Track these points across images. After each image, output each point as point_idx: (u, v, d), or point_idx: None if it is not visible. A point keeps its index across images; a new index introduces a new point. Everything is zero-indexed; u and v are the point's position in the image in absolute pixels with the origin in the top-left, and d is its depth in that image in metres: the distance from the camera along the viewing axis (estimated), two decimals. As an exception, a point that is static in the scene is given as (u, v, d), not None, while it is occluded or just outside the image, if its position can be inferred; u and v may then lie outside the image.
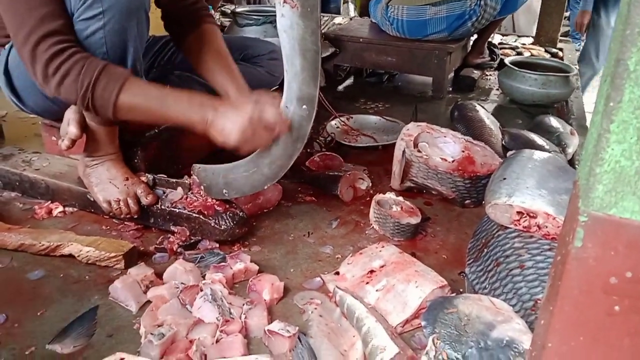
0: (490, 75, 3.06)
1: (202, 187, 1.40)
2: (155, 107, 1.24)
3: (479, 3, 2.50)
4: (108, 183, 1.41)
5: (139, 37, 1.27)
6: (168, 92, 1.25)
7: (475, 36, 2.90)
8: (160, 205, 1.40)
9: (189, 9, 1.55)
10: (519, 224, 1.17)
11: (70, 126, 1.35)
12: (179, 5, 1.53)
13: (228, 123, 1.21)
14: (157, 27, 1.72)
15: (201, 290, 1.15)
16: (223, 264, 1.26)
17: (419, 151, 1.64)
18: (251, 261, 1.28)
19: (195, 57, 1.52)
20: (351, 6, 5.62)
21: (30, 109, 1.48)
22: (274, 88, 1.96)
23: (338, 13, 4.80)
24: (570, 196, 0.61)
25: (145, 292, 1.19)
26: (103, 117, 1.29)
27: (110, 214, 1.42)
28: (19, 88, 1.41)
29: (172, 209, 1.38)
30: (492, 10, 2.57)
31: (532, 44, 3.50)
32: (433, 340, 0.98)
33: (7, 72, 1.40)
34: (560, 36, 3.50)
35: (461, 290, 1.22)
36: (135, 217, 1.41)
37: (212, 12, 3.02)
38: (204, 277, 1.23)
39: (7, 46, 1.39)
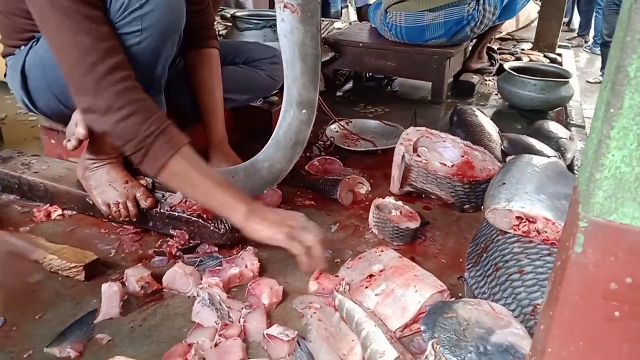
0: (489, 80, 3.07)
1: (201, 191, 1.39)
2: (190, 192, 1.27)
3: (477, 8, 2.51)
4: (107, 186, 1.41)
5: (169, 57, 1.30)
6: (207, 183, 1.21)
7: (475, 41, 2.91)
8: (160, 209, 1.40)
9: (197, 28, 1.58)
10: (518, 229, 1.17)
11: (78, 127, 1.35)
12: (189, 23, 1.55)
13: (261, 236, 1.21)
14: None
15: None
16: (219, 267, 1.26)
17: (418, 156, 1.64)
18: (252, 263, 1.28)
19: (193, 78, 1.65)
20: (351, 10, 5.64)
21: (40, 111, 1.48)
22: (274, 92, 1.97)
23: (338, 17, 4.81)
24: (570, 201, 0.61)
25: (143, 294, 1.19)
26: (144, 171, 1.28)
27: (109, 217, 1.42)
28: (32, 89, 1.41)
29: (172, 212, 1.38)
30: (491, 15, 2.58)
31: (531, 49, 3.52)
32: (432, 345, 0.98)
33: (23, 72, 1.40)
34: (567, 40, 3.51)
35: (460, 295, 1.22)
36: (134, 220, 1.41)
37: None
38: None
39: (23, 48, 1.39)
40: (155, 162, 1.18)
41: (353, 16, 5.49)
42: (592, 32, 7.57)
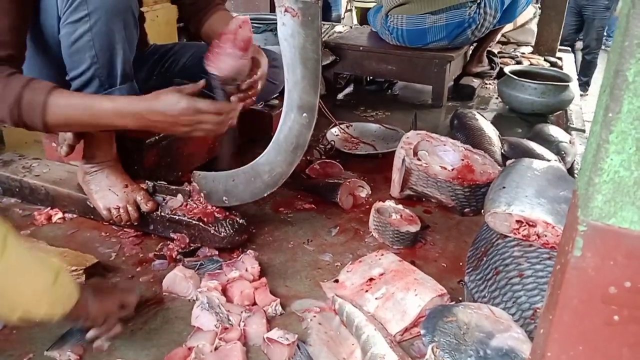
0: (489, 84, 3.07)
1: (202, 194, 1.40)
2: (83, 117, 1.20)
3: (478, 11, 2.51)
4: (108, 190, 1.41)
5: (127, 39, 1.27)
6: (93, 100, 1.21)
7: (475, 45, 2.91)
8: (160, 212, 1.40)
9: (202, 6, 1.57)
10: (518, 233, 1.17)
11: (67, 132, 1.35)
12: (195, 6, 1.57)
13: (158, 122, 1.20)
14: (157, 34, 1.73)
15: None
16: (218, 271, 1.27)
17: (418, 159, 1.64)
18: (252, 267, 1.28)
19: (211, 39, 1.53)
20: (354, 15, 5.64)
21: None
22: (275, 96, 1.97)
23: (338, 21, 4.82)
24: (569, 205, 0.62)
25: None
26: (35, 130, 1.25)
27: (110, 221, 1.42)
28: None
29: (172, 216, 1.38)
30: (492, 19, 2.59)
31: (532, 53, 3.52)
32: (432, 349, 0.98)
33: None
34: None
35: (460, 298, 1.22)
36: (135, 224, 1.41)
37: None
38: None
39: None
40: (35, 117, 1.15)
41: (354, 20, 5.50)
42: None
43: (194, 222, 1.36)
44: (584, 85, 5.85)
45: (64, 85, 1.28)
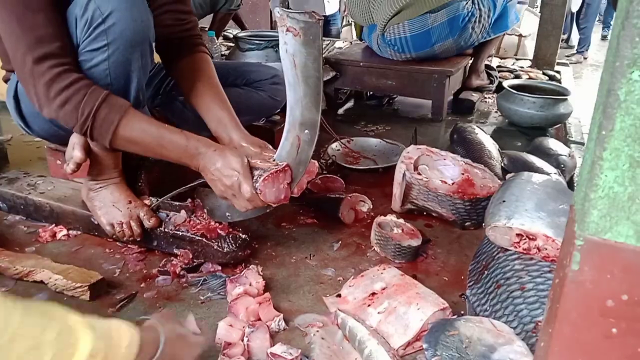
0: (488, 98, 3.09)
1: (205, 211, 1.41)
2: (151, 144, 1.26)
3: (474, 6, 2.57)
4: (111, 206, 1.42)
5: (143, 68, 1.30)
6: (165, 131, 1.26)
7: (473, 59, 2.94)
8: (164, 228, 1.41)
9: (183, 36, 1.55)
10: (519, 246, 1.18)
11: (75, 150, 1.37)
12: (174, 30, 1.53)
13: (215, 180, 1.28)
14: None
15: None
16: (222, 288, 1.27)
17: (419, 174, 1.65)
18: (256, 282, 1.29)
19: (186, 85, 1.49)
20: (353, 30, 5.69)
21: (36, 134, 1.50)
22: (276, 112, 2.00)
23: (338, 36, 4.87)
24: (567, 220, 0.63)
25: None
26: (99, 145, 1.32)
27: (114, 236, 1.43)
28: (26, 113, 1.43)
29: (175, 232, 1.40)
30: (487, 17, 2.62)
31: (530, 66, 3.55)
32: (435, 363, 0.98)
33: (16, 97, 1.42)
34: (566, 57, 3.55)
35: (462, 312, 1.23)
36: (139, 239, 1.42)
37: (214, 37, 3.07)
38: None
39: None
40: (105, 136, 1.22)
41: (353, 34, 5.54)
42: (591, 48, 7.79)
43: (197, 237, 1.37)
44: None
45: None
